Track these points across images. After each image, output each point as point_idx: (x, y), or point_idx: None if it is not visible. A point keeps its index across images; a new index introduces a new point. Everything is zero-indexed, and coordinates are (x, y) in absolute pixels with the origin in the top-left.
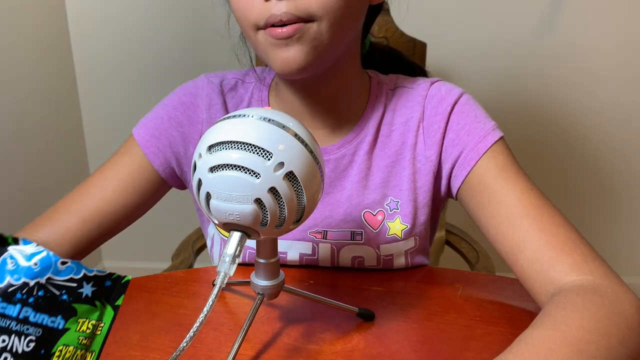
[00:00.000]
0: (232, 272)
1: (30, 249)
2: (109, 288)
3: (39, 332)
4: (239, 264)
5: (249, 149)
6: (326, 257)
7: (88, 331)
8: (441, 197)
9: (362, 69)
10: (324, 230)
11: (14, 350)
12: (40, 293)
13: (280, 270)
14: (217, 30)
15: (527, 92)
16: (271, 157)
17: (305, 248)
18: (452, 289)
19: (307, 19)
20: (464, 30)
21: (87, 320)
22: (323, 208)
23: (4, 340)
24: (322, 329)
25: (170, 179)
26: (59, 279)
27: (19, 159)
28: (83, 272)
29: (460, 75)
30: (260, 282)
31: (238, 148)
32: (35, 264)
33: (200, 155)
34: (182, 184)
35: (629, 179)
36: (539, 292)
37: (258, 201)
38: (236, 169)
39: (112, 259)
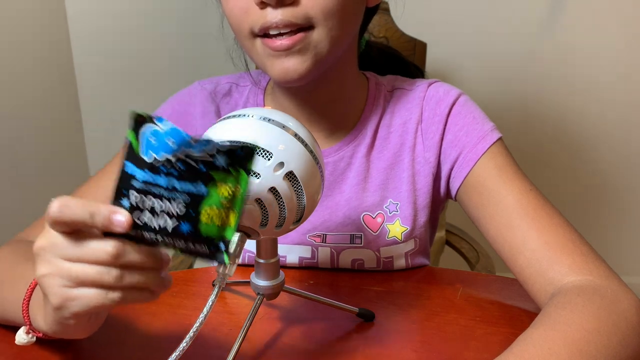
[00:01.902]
0: (232, 273)
1: (165, 126)
2: (241, 156)
3: (186, 198)
4: (239, 265)
5: None
6: (326, 261)
7: (228, 195)
8: (440, 199)
9: (359, 71)
10: (323, 234)
11: (169, 212)
12: (180, 166)
13: (280, 271)
14: (212, 33)
15: (527, 92)
16: (271, 157)
17: (305, 252)
18: (452, 289)
19: (305, 26)
20: (464, 31)
21: (226, 185)
22: (322, 211)
23: (160, 204)
24: (322, 329)
25: None
26: (195, 153)
27: (18, 160)
28: (214, 146)
29: (460, 75)
30: (260, 282)
31: None
32: (171, 141)
33: None
34: None
35: (629, 180)
36: (539, 293)
37: (258, 201)
38: None
39: None
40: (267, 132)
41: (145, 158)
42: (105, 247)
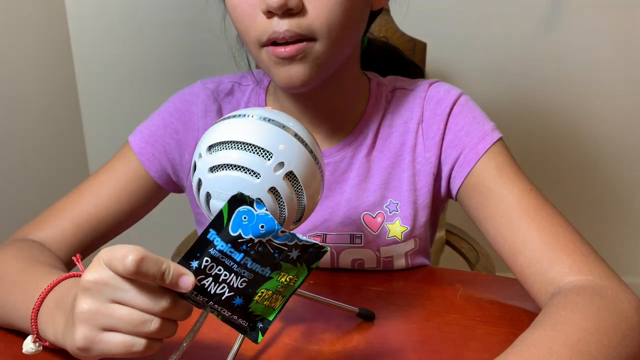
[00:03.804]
0: None
1: (262, 212)
2: (311, 254)
3: (251, 276)
4: None
5: (249, 149)
6: (326, 260)
7: (285, 282)
8: (441, 198)
9: (361, 72)
10: (323, 234)
11: (231, 283)
12: (259, 249)
13: None
14: (214, 32)
15: (527, 92)
16: (271, 157)
17: None
18: (452, 289)
19: (310, 37)
20: (464, 30)
21: (287, 274)
22: (322, 211)
23: (225, 275)
24: (322, 329)
25: (167, 185)
26: (277, 242)
27: (18, 160)
28: (295, 241)
29: (460, 75)
30: None
31: (238, 148)
32: (262, 226)
33: (200, 155)
34: (179, 189)
35: (629, 179)
36: (539, 293)
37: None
38: (236, 169)
39: None
40: (267, 132)
41: (232, 232)
42: (160, 302)
